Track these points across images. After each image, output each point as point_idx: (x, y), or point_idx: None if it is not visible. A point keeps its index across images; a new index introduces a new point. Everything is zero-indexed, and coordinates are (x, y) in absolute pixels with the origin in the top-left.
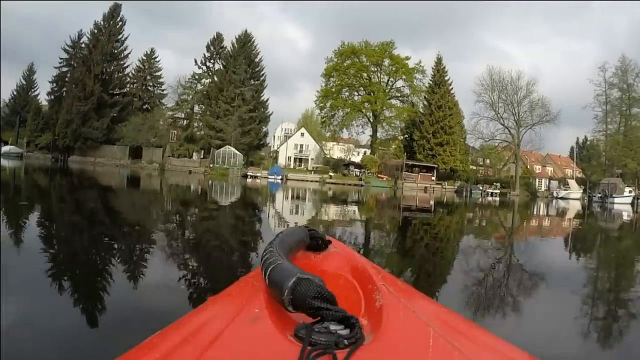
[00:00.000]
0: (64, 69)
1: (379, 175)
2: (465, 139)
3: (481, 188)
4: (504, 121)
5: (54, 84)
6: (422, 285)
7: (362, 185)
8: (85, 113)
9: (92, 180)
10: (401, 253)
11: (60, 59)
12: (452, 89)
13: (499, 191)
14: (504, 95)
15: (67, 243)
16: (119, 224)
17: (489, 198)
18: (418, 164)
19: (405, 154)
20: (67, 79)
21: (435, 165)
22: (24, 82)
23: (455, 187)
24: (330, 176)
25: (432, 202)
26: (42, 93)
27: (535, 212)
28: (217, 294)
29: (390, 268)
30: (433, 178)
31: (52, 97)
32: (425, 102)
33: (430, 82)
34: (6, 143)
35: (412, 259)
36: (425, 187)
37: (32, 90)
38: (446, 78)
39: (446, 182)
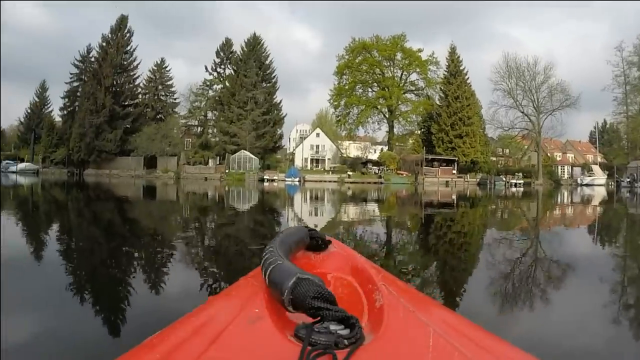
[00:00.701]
0: (75, 84)
1: (398, 171)
2: (484, 129)
3: (504, 179)
4: (523, 108)
5: (66, 99)
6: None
7: (381, 183)
8: (98, 126)
9: (109, 193)
10: (433, 254)
11: (71, 74)
12: (468, 78)
13: (522, 181)
14: (522, 82)
15: (94, 255)
16: (139, 234)
17: (513, 189)
18: (438, 157)
19: (424, 148)
20: (78, 94)
21: (456, 158)
22: (37, 100)
23: (477, 180)
24: (349, 175)
25: (455, 197)
26: (56, 109)
27: (565, 201)
28: (217, 294)
29: (423, 271)
30: (454, 171)
31: (65, 112)
32: (442, 94)
33: (445, 73)
34: (22, 160)
35: (443, 263)
36: (447, 182)
37: (46, 107)
38: (461, 68)
39: (468, 175)
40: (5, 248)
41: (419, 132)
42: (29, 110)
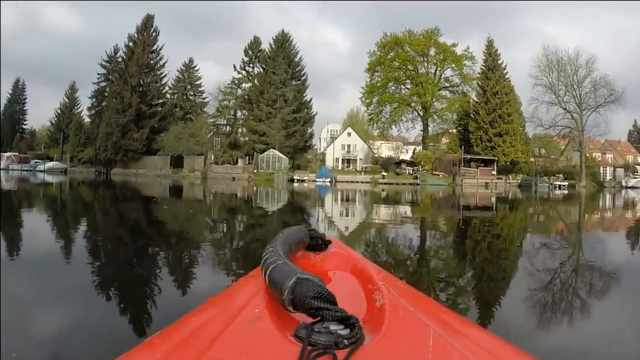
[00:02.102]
0: (103, 84)
1: (434, 172)
2: (524, 127)
3: (548, 180)
4: (565, 105)
5: (94, 99)
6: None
7: (417, 184)
8: (125, 125)
9: (135, 192)
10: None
11: (98, 74)
12: (506, 73)
13: (566, 183)
14: (563, 76)
15: (120, 255)
16: (166, 235)
17: (557, 191)
18: (476, 157)
19: (462, 147)
20: (106, 93)
21: (495, 158)
22: (67, 100)
23: (519, 181)
24: (383, 176)
25: (503, 200)
26: (85, 110)
27: (617, 205)
28: (217, 294)
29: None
30: (493, 172)
31: (93, 112)
32: (479, 90)
33: (483, 67)
34: (51, 159)
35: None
36: (486, 183)
37: (76, 107)
38: (499, 62)
39: (510, 176)
40: (47, 245)
41: (455, 130)
42: (58, 111)
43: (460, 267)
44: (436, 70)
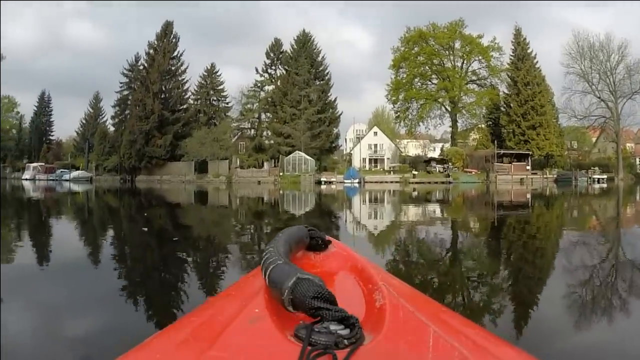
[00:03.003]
0: (125, 93)
1: (465, 169)
2: (557, 119)
3: (586, 174)
4: (599, 93)
5: (117, 108)
6: None
7: (450, 183)
8: (148, 132)
9: (160, 199)
10: None
11: (121, 83)
12: (537, 62)
13: (605, 176)
14: (596, 63)
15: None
16: (193, 240)
17: (596, 185)
18: (509, 152)
19: (495, 142)
20: (128, 102)
21: (530, 152)
22: (92, 110)
23: (555, 176)
24: (414, 175)
25: (550, 198)
26: (109, 119)
27: None
28: (217, 294)
29: None
30: (528, 167)
31: (116, 120)
32: (510, 81)
33: (512, 57)
34: (77, 169)
35: None
36: (521, 179)
37: (101, 117)
38: (529, 51)
39: (547, 171)
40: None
41: (485, 125)
42: (84, 121)
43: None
44: (463, 63)
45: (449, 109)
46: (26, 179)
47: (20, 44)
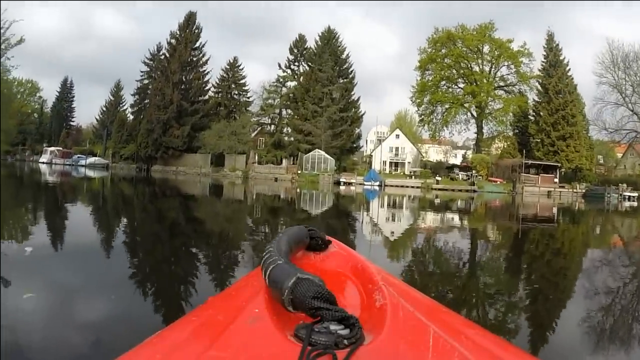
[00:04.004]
0: (145, 82)
1: (490, 178)
2: (587, 131)
3: (617, 191)
4: (632, 106)
5: (136, 97)
6: None
7: (474, 191)
8: (166, 122)
9: (174, 190)
10: None
11: (141, 72)
12: (569, 70)
13: (636, 194)
14: (631, 74)
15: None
16: (206, 234)
17: (626, 203)
18: (537, 163)
19: (524, 152)
20: (148, 91)
21: (558, 164)
22: (112, 98)
23: (583, 190)
24: (437, 181)
25: (581, 214)
26: (129, 108)
27: None
28: (217, 294)
29: None
30: (556, 180)
31: (135, 109)
32: (540, 89)
33: (544, 63)
34: (95, 155)
35: None
36: (549, 192)
37: (121, 105)
38: (561, 58)
39: (577, 185)
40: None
41: (512, 133)
42: (104, 109)
43: None
44: (491, 68)
45: (475, 114)
46: (43, 163)
47: (48, 31)
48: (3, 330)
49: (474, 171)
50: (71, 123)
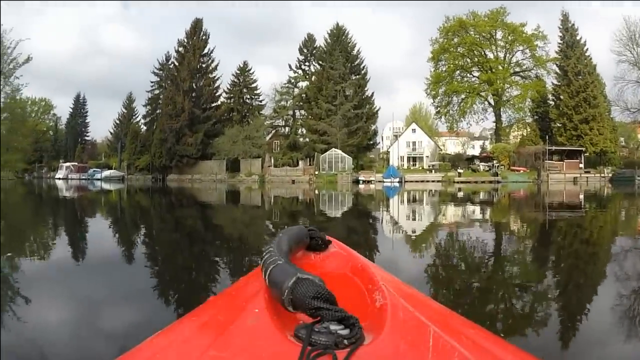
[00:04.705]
0: (156, 92)
1: (512, 167)
2: (609, 112)
3: None
4: None
5: (148, 107)
6: None
7: (498, 182)
8: (178, 130)
9: (190, 200)
10: None
11: (151, 82)
12: (587, 50)
13: None
14: None
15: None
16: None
17: None
18: (560, 148)
19: (547, 138)
20: (159, 101)
21: (582, 149)
22: (125, 111)
23: (610, 175)
24: (459, 174)
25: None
26: (142, 119)
27: None
28: (217, 294)
29: None
30: (581, 165)
31: (147, 119)
32: (559, 71)
33: (560, 45)
34: (110, 168)
35: None
36: (575, 178)
37: (134, 117)
38: (578, 38)
39: (604, 169)
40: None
41: (532, 120)
42: (117, 122)
43: None
44: (505, 53)
45: (492, 102)
46: (59, 178)
47: (60, 51)
48: (3, 330)
49: (494, 161)
50: (86, 138)
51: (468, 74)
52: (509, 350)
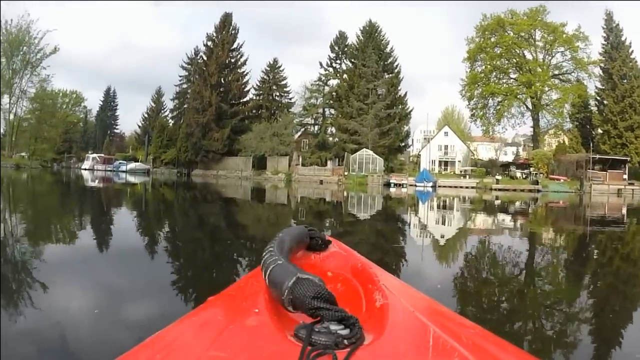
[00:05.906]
0: (184, 86)
1: (551, 176)
2: None
3: None
4: None
5: (175, 101)
6: None
7: (538, 191)
8: (205, 125)
9: (215, 195)
10: None
11: (180, 76)
12: (632, 52)
13: None
14: None
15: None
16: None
17: None
18: (602, 157)
19: (592, 146)
20: (187, 95)
21: (627, 158)
22: (154, 105)
23: None
24: (497, 180)
25: None
26: (169, 112)
27: None
28: (217, 294)
29: None
30: (625, 176)
31: (175, 113)
32: (603, 74)
33: (604, 46)
34: (137, 160)
35: None
36: (619, 189)
37: (162, 111)
38: (623, 39)
39: None
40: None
41: (572, 126)
42: (146, 115)
43: None
44: (545, 55)
45: (530, 106)
46: (85, 169)
47: (91, 45)
48: (3, 331)
49: (532, 168)
50: (115, 131)
51: (505, 76)
52: (509, 350)
